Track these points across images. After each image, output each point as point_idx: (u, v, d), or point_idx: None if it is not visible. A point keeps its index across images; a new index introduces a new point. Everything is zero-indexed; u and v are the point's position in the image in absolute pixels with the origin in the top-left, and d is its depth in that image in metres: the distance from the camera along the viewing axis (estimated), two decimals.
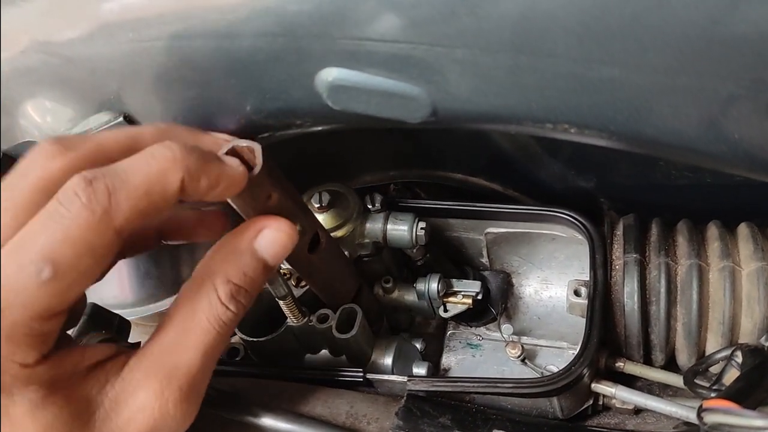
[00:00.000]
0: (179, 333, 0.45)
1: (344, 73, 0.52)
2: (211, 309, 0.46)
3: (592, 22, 0.43)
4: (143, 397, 0.44)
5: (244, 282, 0.47)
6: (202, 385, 0.46)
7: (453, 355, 0.88)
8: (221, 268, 0.47)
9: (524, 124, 0.52)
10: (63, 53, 0.58)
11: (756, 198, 0.72)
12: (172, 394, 0.44)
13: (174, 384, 0.44)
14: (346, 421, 0.67)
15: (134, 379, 0.44)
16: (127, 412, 0.43)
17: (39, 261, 0.39)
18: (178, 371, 0.44)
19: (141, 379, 0.44)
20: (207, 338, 0.45)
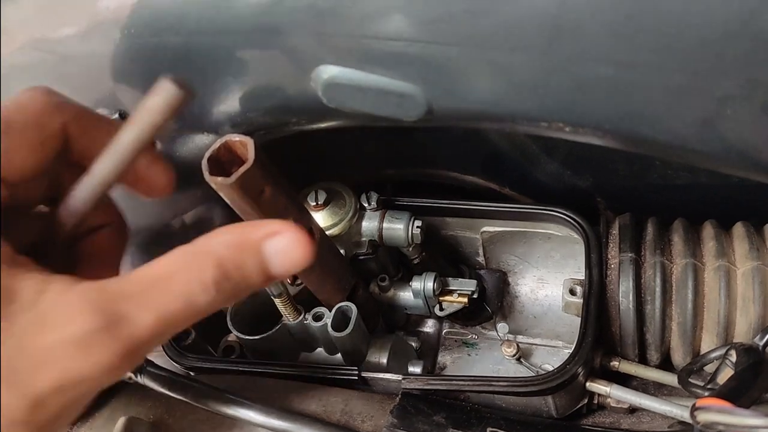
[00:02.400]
0: (146, 286, 0.41)
1: (340, 70, 0.52)
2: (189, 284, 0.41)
3: (587, 21, 0.43)
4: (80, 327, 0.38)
5: (236, 275, 0.43)
6: (141, 351, 0.41)
7: (448, 353, 0.88)
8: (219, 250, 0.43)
9: (519, 122, 0.52)
10: (59, 50, 0.58)
11: (751, 197, 0.72)
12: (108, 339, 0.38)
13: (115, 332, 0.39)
14: (340, 419, 0.67)
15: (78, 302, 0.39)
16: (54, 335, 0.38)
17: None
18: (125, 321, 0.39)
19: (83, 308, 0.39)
20: (169, 308, 0.40)
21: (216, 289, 0.41)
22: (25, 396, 0.38)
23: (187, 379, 0.70)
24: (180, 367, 0.75)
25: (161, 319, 0.40)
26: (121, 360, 0.39)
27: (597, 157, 0.80)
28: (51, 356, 0.38)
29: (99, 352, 0.38)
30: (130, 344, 0.39)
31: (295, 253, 0.43)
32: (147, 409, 0.69)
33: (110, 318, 0.39)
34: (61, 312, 0.39)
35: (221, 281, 0.42)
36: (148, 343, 0.40)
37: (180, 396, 0.68)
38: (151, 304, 0.40)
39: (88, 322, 0.38)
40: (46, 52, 0.58)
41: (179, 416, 0.69)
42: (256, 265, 0.43)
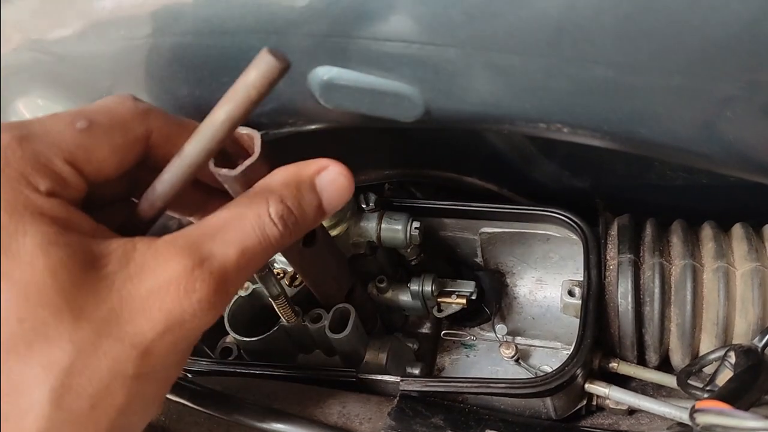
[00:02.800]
0: (221, 227, 0.43)
1: (337, 71, 0.52)
2: (260, 219, 0.44)
3: (586, 22, 0.43)
4: (173, 269, 0.41)
5: (297, 210, 0.46)
6: (231, 287, 0.43)
7: (447, 355, 0.88)
8: (279, 188, 0.46)
9: (517, 123, 0.52)
10: (55, 51, 0.58)
11: (750, 198, 0.72)
12: (202, 275, 0.41)
13: (206, 266, 0.41)
14: (338, 421, 0.67)
15: (167, 252, 0.41)
16: (152, 281, 0.40)
17: (79, 115, 0.43)
18: (213, 257, 0.42)
19: (174, 254, 0.41)
20: (248, 241, 0.44)
21: (282, 223, 0.45)
22: (133, 346, 0.40)
23: (184, 380, 0.70)
24: None
25: (243, 252, 0.43)
26: (215, 293, 0.42)
27: (596, 158, 0.80)
28: (152, 301, 0.40)
29: (195, 289, 0.41)
30: (220, 277, 0.42)
31: (342, 184, 0.47)
32: None
33: (199, 256, 0.41)
34: (153, 261, 0.41)
35: (285, 215, 0.45)
36: (236, 276, 0.43)
37: (177, 398, 0.67)
38: (231, 240, 0.43)
39: (180, 263, 0.41)
40: (42, 52, 0.58)
41: (176, 418, 0.68)
42: (312, 198, 0.47)
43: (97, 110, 0.45)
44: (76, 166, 0.42)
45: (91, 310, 0.39)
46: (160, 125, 0.47)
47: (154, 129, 0.46)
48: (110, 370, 0.39)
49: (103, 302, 0.39)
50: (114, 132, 0.44)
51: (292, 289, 0.77)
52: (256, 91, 0.40)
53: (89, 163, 0.43)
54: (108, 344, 0.39)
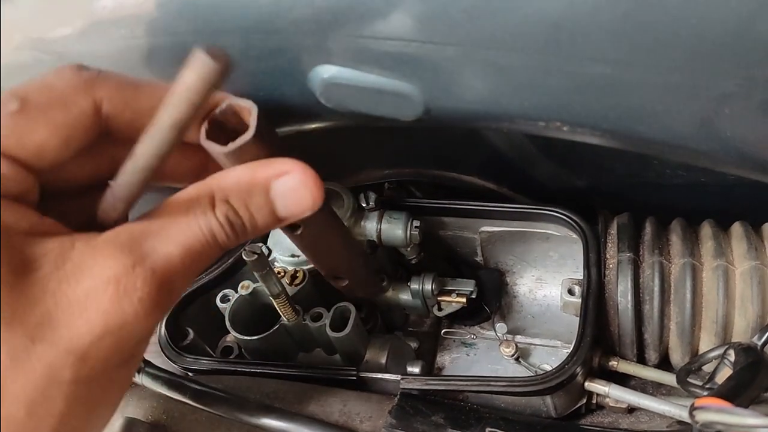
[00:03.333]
0: (165, 224, 0.41)
1: (337, 70, 0.52)
2: (205, 217, 0.41)
3: (584, 19, 0.43)
4: (112, 268, 0.38)
5: (243, 213, 0.43)
6: (174, 287, 0.41)
7: (447, 353, 0.88)
8: (229, 188, 0.42)
9: (517, 122, 0.52)
10: (56, 50, 0.58)
11: (749, 197, 0.72)
12: (143, 273, 0.38)
13: (147, 264, 0.39)
14: (339, 420, 0.67)
15: (106, 249, 0.39)
16: (89, 282, 0.38)
17: (11, 95, 0.40)
18: (155, 254, 0.39)
19: (113, 251, 0.39)
20: (193, 239, 0.41)
21: (228, 225, 0.42)
22: (69, 351, 0.37)
23: (185, 379, 0.70)
24: (178, 367, 0.75)
25: (187, 251, 0.40)
26: (158, 293, 0.39)
27: (595, 156, 0.80)
28: (89, 303, 0.38)
29: (136, 288, 0.38)
30: (163, 276, 0.39)
31: (303, 194, 0.43)
32: (145, 410, 0.69)
33: (140, 254, 0.39)
34: (90, 260, 0.38)
35: (232, 218, 0.42)
36: (180, 276, 0.41)
37: (178, 397, 0.68)
38: (175, 238, 0.40)
39: (120, 261, 0.38)
40: (43, 52, 0.58)
41: (178, 417, 0.69)
42: (263, 204, 0.43)
43: (32, 88, 0.41)
44: (11, 155, 0.39)
45: (24, 314, 0.37)
46: (110, 93, 0.42)
47: (104, 98, 0.42)
48: (45, 376, 0.37)
49: (37, 306, 0.37)
50: (51, 109, 0.40)
51: (292, 288, 0.77)
52: (197, 96, 0.38)
53: (24, 148, 0.39)
54: (42, 349, 0.37)
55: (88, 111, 0.41)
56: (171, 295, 0.41)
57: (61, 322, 0.37)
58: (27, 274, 0.37)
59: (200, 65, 0.37)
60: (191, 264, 0.41)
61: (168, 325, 0.77)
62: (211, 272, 0.81)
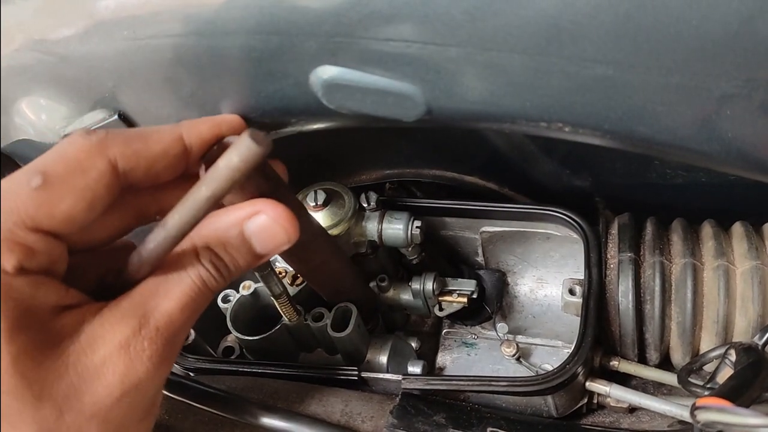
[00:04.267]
0: (160, 282, 0.45)
1: (339, 71, 0.52)
2: (194, 267, 0.45)
3: (585, 20, 0.43)
4: (121, 334, 0.42)
5: (225, 256, 0.46)
6: (178, 338, 0.45)
7: (448, 353, 0.88)
8: (206, 234, 0.46)
9: (518, 122, 0.52)
10: (58, 51, 0.58)
11: (750, 197, 0.72)
12: (148, 333, 0.42)
13: (151, 324, 0.43)
14: (340, 420, 0.67)
15: (113, 317, 0.43)
16: (103, 349, 0.42)
17: (32, 172, 0.42)
18: (156, 313, 0.43)
19: (120, 318, 0.43)
20: (187, 291, 0.45)
21: (215, 270, 0.46)
22: (93, 415, 0.41)
23: (187, 379, 0.70)
24: (180, 367, 0.75)
25: (185, 303, 0.44)
26: (164, 348, 0.43)
27: (596, 156, 0.80)
28: (106, 368, 0.42)
29: (145, 348, 0.42)
30: (166, 331, 0.43)
31: (275, 231, 0.47)
32: None
33: (142, 316, 0.43)
34: (100, 329, 0.42)
35: (216, 261, 0.46)
36: (180, 327, 0.45)
37: (180, 397, 0.68)
38: (170, 293, 0.44)
39: (128, 326, 0.42)
40: (44, 52, 0.58)
41: (180, 417, 0.69)
42: (240, 244, 0.47)
43: (50, 161, 0.43)
44: (42, 229, 0.42)
45: (52, 388, 0.40)
46: (122, 149, 0.45)
47: (117, 155, 0.44)
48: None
49: (62, 379, 0.40)
50: (72, 178, 0.43)
51: (293, 288, 0.77)
52: (239, 174, 0.41)
53: (54, 219, 0.42)
54: (71, 418, 0.40)
55: (106, 171, 0.44)
56: (174, 347, 0.45)
57: (84, 390, 0.41)
58: (52, 349, 0.41)
59: (245, 149, 0.40)
60: (189, 314, 0.45)
61: None
62: None
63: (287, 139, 0.64)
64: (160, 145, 0.47)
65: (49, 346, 0.41)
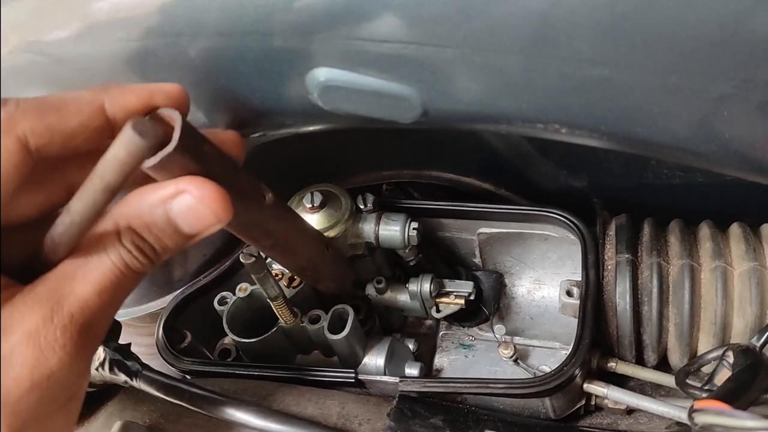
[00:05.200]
0: (78, 265, 0.42)
1: (335, 73, 0.52)
2: (115, 248, 0.43)
3: (582, 21, 0.43)
4: (30, 322, 0.40)
5: (149, 236, 0.44)
6: (97, 325, 0.42)
7: (445, 355, 0.88)
8: (128, 214, 0.43)
9: (515, 124, 0.52)
10: (52, 53, 0.58)
11: (748, 198, 0.72)
12: (61, 321, 0.40)
13: (65, 310, 0.40)
14: (337, 422, 0.67)
15: (25, 305, 0.41)
16: (13, 339, 0.39)
17: None
18: (71, 299, 0.41)
19: (31, 305, 0.40)
20: (107, 274, 0.42)
21: (138, 252, 0.43)
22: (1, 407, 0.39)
23: (182, 382, 0.70)
24: (176, 370, 0.75)
25: (101, 287, 0.42)
26: (78, 337, 0.41)
27: (593, 157, 0.80)
28: (15, 359, 0.39)
29: (57, 337, 0.40)
30: (81, 319, 0.41)
31: (202, 212, 0.43)
32: (143, 413, 0.69)
33: (55, 302, 0.41)
34: (10, 318, 0.40)
35: (140, 244, 0.43)
36: (98, 313, 0.42)
37: (176, 400, 0.67)
38: (88, 277, 0.42)
39: (38, 313, 0.40)
40: (38, 54, 0.58)
41: (175, 420, 0.68)
42: (165, 225, 0.44)
43: None
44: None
45: None
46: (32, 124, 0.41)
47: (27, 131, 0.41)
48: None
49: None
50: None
51: (290, 291, 0.77)
52: (129, 167, 0.40)
53: None
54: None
55: (14, 150, 0.41)
56: (93, 334, 0.42)
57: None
58: None
59: (128, 142, 0.39)
60: (110, 299, 0.43)
61: (165, 328, 0.77)
62: (208, 275, 0.81)
63: (283, 141, 0.64)
64: (77, 119, 0.43)
65: None
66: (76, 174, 0.46)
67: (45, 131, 0.42)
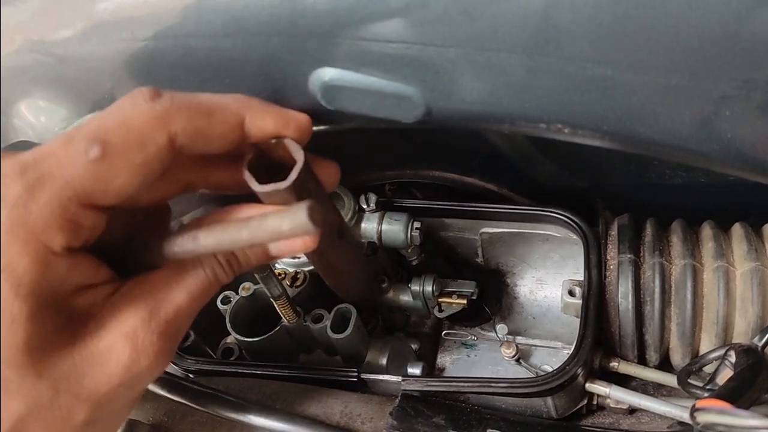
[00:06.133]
0: (173, 272, 0.45)
1: (338, 73, 0.52)
2: (209, 261, 0.46)
3: (585, 21, 0.43)
4: (130, 323, 0.42)
5: (240, 254, 0.47)
6: (182, 328, 0.45)
7: (448, 354, 0.88)
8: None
9: (517, 123, 0.52)
10: (57, 52, 0.58)
11: (749, 198, 0.72)
12: (158, 326, 0.43)
13: (161, 316, 0.43)
14: (340, 421, 0.67)
15: (123, 304, 0.43)
16: (111, 337, 0.42)
17: (90, 140, 0.40)
18: (166, 305, 0.43)
19: (130, 305, 0.43)
20: (198, 283, 0.45)
21: (227, 263, 0.46)
22: (87, 399, 0.41)
23: (186, 381, 0.70)
24: (179, 369, 0.75)
25: (194, 295, 0.45)
26: (168, 343, 0.43)
27: (595, 157, 0.80)
28: (109, 356, 0.42)
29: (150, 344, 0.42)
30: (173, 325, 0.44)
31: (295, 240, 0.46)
32: (146, 412, 0.69)
33: (152, 306, 0.43)
34: (109, 316, 0.42)
35: (230, 258, 0.46)
36: (185, 320, 0.45)
37: (179, 398, 0.68)
38: (183, 284, 0.44)
39: (137, 316, 0.42)
40: (43, 54, 0.58)
41: (178, 419, 0.69)
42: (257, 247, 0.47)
43: (111, 127, 0.41)
44: (93, 204, 0.41)
45: (54, 368, 0.40)
46: (184, 125, 0.42)
47: (179, 131, 0.42)
48: (62, 419, 0.41)
49: (65, 360, 0.41)
50: (132, 152, 0.41)
51: (293, 290, 0.77)
52: (284, 237, 0.41)
53: (107, 194, 0.41)
54: (65, 399, 0.41)
55: (165, 147, 0.42)
56: (179, 338, 0.45)
57: (84, 374, 0.41)
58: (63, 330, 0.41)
59: (299, 223, 0.39)
60: (197, 306, 0.46)
61: None
62: None
63: None
64: (222, 128, 0.44)
65: (62, 326, 0.41)
66: (194, 175, 0.49)
67: (193, 133, 0.43)
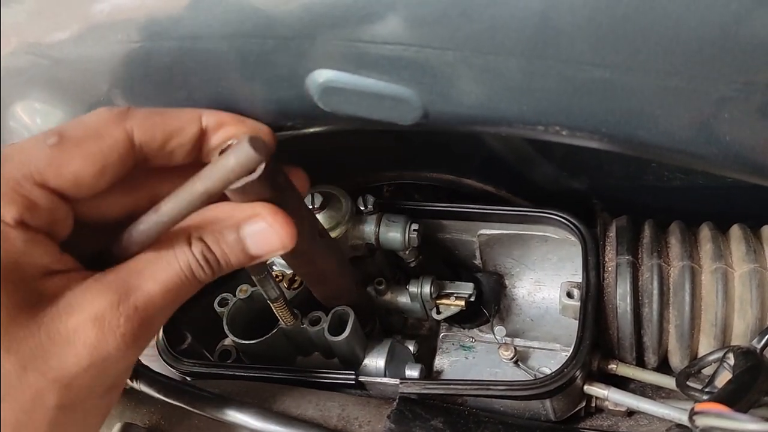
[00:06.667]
0: (148, 262, 0.45)
1: (336, 75, 0.52)
2: (184, 254, 0.46)
3: (583, 23, 0.43)
4: (98, 305, 0.43)
5: (217, 250, 0.47)
6: (154, 322, 0.45)
7: (446, 357, 0.88)
8: (202, 226, 0.47)
9: (515, 126, 0.51)
10: (52, 54, 0.58)
11: (748, 200, 0.72)
12: (126, 310, 0.43)
13: (131, 301, 0.43)
14: (337, 424, 0.67)
15: (94, 288, 0.44)
16: (79, 318, 0.42)
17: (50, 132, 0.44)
18: (138, 292, 0.44)
19: (101, 290, 0.43)
20: (173, 277, 0.46)
21: (204, 261, 0.47)
22: (56, 379, 0.42)
23: (183, 384, 0.70)
24: (176, 372, 0.75)
25: (167, 288, 0.45)
26: (139, 328, 0.44)
27: (594, 159, 0.80)
28: (77, 337, 0.42)
29: (120, 324, 0.43)
30: (143, 313, 0.44)
31: (270, 237, 0.48)
32: (143, 415, 0.69)
33: (123, 292, 0.44)
34: (80, 297, 0.43)
35: (207, 253, 0.47)
36: (159, 312, 0.45)
37: (176, 401, 0.67)
38: (155, 275, 0.45)
39: (106, 299, 0.43)
40: (39, 56, 0.58)
41: (175, 422, 0.68)
42: (234, 243, 0.48)
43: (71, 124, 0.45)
44: (48, 186, 0.43)
45: (20, 345, 0.41)
46: (140, 121, 0.46)
47: (135, 126, 0.46)
48: (32, 400, 0.41)
49: (32, 337, 0.41)
50: (87, 141, 0.44)
51: (290, 292, 0.77)
52: (234, 175, 0.43)
53: (62, 178, 0.43)
54: (33, 377, 0.41)
55: (121, 139, 0.45)
56: (150, 329, 0.45)
57: (51, 353, 0.42)
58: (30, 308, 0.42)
59: (243, 154, 0.42)
60: (171, 300, 0.46)
61: (166, 330, 0.77)
62: None
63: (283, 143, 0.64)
64: (177, 121, 0.48)
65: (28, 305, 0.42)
66: (160, 186, 0.50)
67: (149, 128, 0.47)
